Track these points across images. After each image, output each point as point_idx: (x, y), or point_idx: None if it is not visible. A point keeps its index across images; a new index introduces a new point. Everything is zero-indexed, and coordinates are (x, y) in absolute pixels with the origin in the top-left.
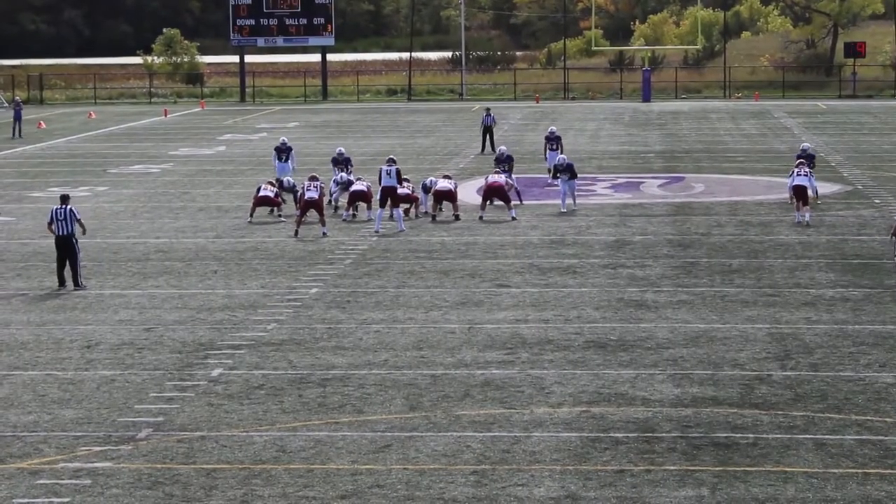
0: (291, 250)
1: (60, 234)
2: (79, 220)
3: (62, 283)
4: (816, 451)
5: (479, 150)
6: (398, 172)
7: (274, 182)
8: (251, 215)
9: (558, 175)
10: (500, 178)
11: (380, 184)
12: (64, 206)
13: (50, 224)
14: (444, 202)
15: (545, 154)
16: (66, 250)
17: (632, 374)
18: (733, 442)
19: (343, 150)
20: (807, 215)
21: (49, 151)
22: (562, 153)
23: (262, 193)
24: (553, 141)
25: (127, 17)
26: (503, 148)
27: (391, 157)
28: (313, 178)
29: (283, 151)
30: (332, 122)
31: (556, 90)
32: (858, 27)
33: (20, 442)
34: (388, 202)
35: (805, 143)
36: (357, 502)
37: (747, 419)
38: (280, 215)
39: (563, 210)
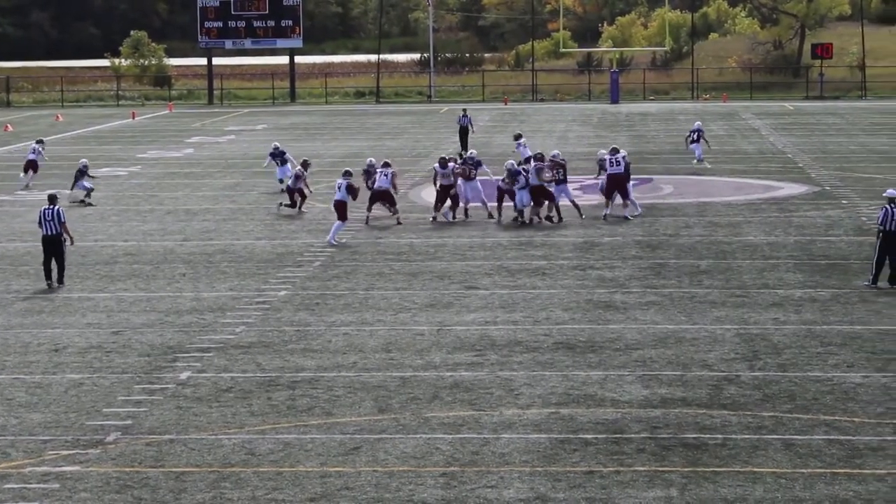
0: (260, 253)
1: (48, 233)
2: (63, 224)
3: (49, 276)
4: (785, 452)
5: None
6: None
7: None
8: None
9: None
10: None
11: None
12: (52, 207)
13: (40, 224)
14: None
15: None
16: (54, 250)
17: (601, 375)
18: (702, 442)
19: (373, 160)
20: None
21: (16, 154)
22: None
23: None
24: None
25: (94, 19)
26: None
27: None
28: (386, 165)
29: (277, 156)
30: (300, 125)
31: (525, 92)
32: (825, 28)
33: None
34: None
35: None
36: None
37: (716, 420)
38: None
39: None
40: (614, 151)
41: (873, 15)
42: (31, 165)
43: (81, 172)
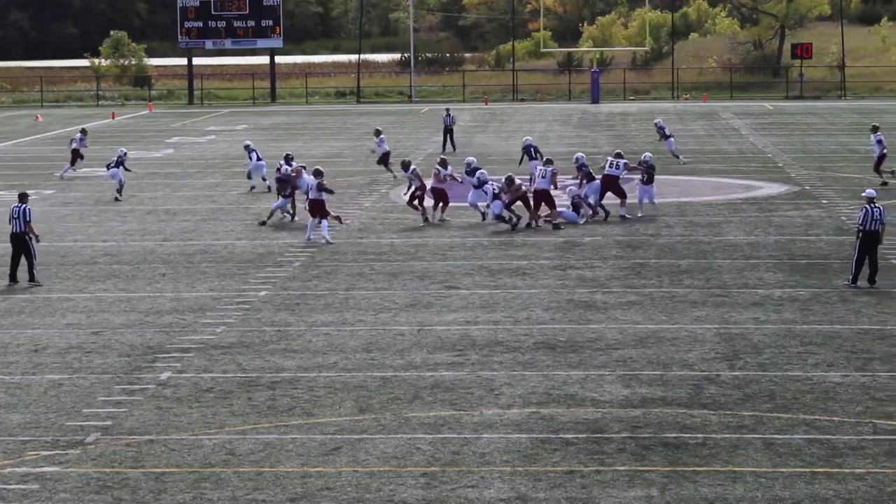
0: (240, 253)
1: (14, 231)
2: (28, 223)
3: (13, 279)
4: (765, 451)
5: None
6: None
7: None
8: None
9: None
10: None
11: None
12: (20, 205)
13: (10, 221)
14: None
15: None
16: (20, 247)
17: (581, 374)
18: (682, 442)
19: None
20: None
21: None
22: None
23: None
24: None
25: (74, 19)
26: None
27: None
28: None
29: (252, 150)
30: (280, 125)
31: (505, 92)
32: (805, 28)
33: None
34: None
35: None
36: None
37: (696, 419)
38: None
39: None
40: (618, 156)
41: (853, 15)
42: (76, 154)
43: (120, 161)
